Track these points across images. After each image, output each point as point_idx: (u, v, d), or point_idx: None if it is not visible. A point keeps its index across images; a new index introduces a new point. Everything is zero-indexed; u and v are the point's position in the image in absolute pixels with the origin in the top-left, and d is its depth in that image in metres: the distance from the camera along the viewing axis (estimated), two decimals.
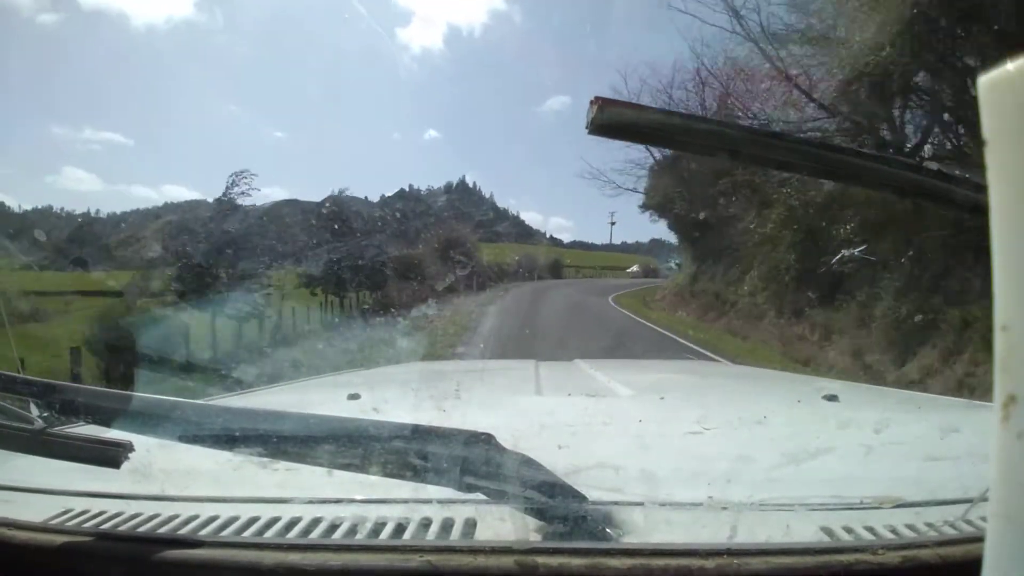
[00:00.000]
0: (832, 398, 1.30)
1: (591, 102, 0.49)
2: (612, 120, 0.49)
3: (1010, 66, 0.28)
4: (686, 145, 0.53)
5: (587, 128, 0.50)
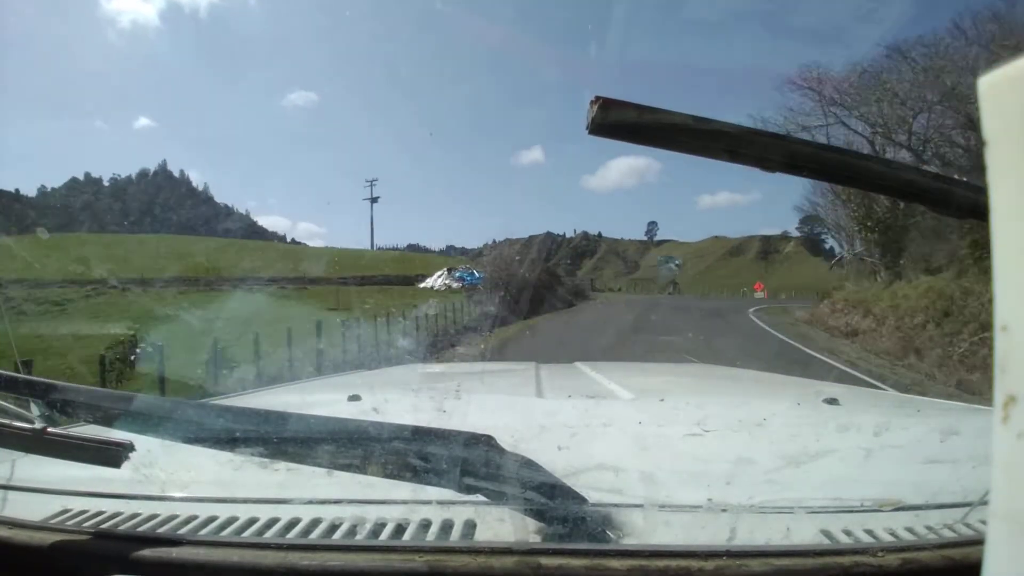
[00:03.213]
0: (832, 401, 1.30)
1: (592, 102, 0.48)
2: (614, 121, 0.49)
3: (1010, 66, 0.28)
4: (690, 147, 0.53)
5: (587, 128, 0.49)
